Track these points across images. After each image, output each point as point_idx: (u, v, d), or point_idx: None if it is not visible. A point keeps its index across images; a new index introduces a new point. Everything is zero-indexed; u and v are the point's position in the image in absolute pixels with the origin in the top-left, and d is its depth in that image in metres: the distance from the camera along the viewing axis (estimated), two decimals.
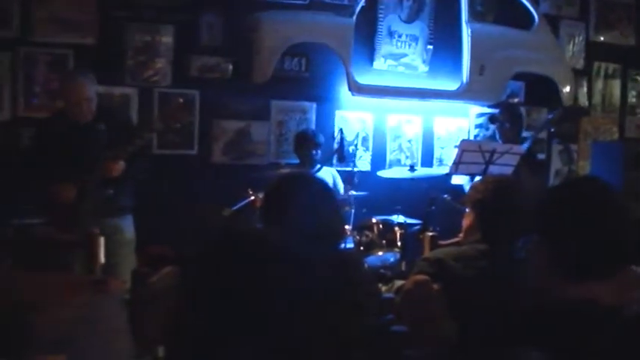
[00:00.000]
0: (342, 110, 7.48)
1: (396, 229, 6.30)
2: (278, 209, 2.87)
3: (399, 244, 6.24)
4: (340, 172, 6.87)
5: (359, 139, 7.42)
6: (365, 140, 7.59)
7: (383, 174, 6.96)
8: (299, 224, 2.71)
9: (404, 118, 7.82)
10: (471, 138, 7.97)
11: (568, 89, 8.09)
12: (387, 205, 6.60)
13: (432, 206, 6.12)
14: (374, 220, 6.36)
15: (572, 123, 8.51)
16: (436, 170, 7.50)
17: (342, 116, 7.47)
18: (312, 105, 7.35)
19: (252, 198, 5.84)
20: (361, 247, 6.18)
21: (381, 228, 6.32)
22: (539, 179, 6.80)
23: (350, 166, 6.64)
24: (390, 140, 7.75)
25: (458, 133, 7.98)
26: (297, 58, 7.18)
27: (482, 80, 7.64)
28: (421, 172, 6.74)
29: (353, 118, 7.54)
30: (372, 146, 7.63)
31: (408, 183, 6.59)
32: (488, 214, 3.42)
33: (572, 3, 8.57)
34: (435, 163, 7.93)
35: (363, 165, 7.49)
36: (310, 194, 2.89)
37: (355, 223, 6.40)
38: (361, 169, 7.38)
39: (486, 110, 7.95)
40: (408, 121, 7.84)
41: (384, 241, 6.26)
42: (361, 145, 7.53)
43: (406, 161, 7.63)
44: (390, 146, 7.75)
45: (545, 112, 8.35)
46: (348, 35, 7.02)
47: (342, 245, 5.14)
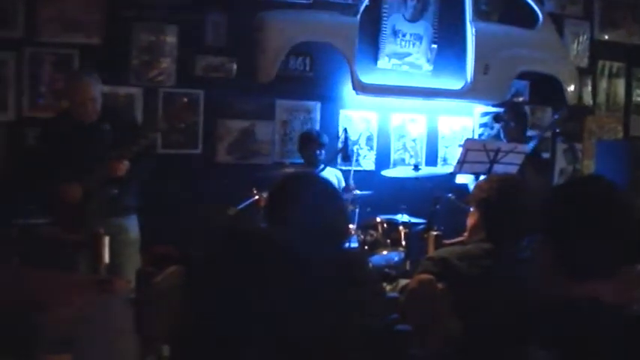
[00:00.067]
0: (346, 109, 7.47)
1: (401, 228, 6.30)
2: (282, 209, 2.86)
3: (403, 243, 6.24)
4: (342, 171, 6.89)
5: (362, 138, 7.44)
6: (369, 139, 7.59)
7: (387, 173, 6.96)
8: (303, 224, 2.71)
9: (408, 117, 7.82)
10: (476, 137, 7.97)
11: (572, 88, 8.08)
12: (391, 205, 6.60)
13: (437, 205, 6.13)
14: (378, 220, 6.37)
15: (577, 122, 8.50)
16: (440, 169, 7.48)
17: (347, 115, 7.47)
18: (316, 104, 7.35)
19: (257, 197, 5.84)
20: (366, 247, 6.19)
21: (386, 227, 6.33)
22: (543, 178, 6.80)
23: (353, 166, 6.64)
24: (395, 139, 7.75)
25: (462, 132, 7.98)
26: (302, 57, 7.18)
27: (486, 79, 7.64)
28: (425, 171, 6.73)
29: (357, 117, 7.53)
30: (376, 145, 7.63)
31: (412, 182, 6.59)
32: (492, 213, 3.42)
33: (576, 2, 8.56)
34: (440, 162, 7.93)
35: (367, 164, 7.50)
36: (315, 194, 2.89)
37: (360, 222, 6.40)
38: (365, 168, 7.41)
39: (491, 109, 7.94)
40: (412, 121, 7.83)
41: (388, 241, 6.27)
42: (365, 145, 7.53)
43: (410, 160, 7.62)
44: (395, 145, 7.74)
45: (550, 111, 8.35)
46: (352, 34, 7.02)
47: (347, 244, 5.15)
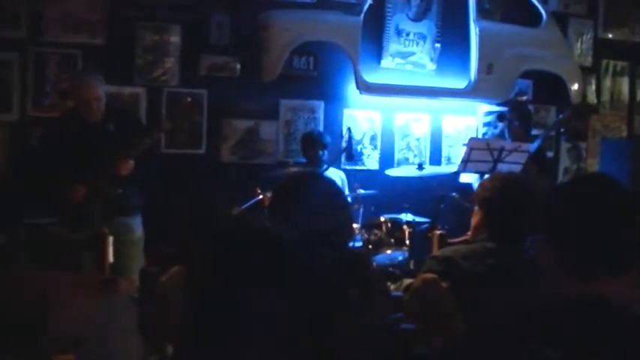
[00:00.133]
0: (350, 109, 7.47)
1: (405, 227, 6.30)
2: (286, 208, 2.86)
3: (407, 242, 6.24)
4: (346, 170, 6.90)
5: (366, 137, 7.44)
6: (373, 139, 7.59)
7: (391, 172, 6.96)
8: (308, 223, 2.71)
9: (412, 116, 7.81)
10: (479, 136, 7.96)
11: (576, 87, 8.07)
12: (395, 204, 6.60)
13: (441, 204, 6.12)
14: (382, 219, 6.37)
15: (582, 121, 8.49)
16: (444, 168, 7.48)
17: (351, 115, 7.47)
18: (320, 104, 7.35)
19: (261, 197, 5.84)
20: (370, 246, 6.18)
21: (390, 226, 6.33)
22: (547, 177, 6.80)
23: (358, 165, 6.65)
24: (399, 139, 7.74)
25: (466, 131, 7.97)
26: (306, 57, 7.17)
27: (490, 78, 7.63)
28: (429, 170, 6.73)
29: (361, 116, 7.53)
30: (380, 145, 7.62)
31: (416, 181, 6.59)
32: (495, 212, 3.41)
33: (580, 0, 8.54)
34: (444, 161, 7.92)
35: (371, 164, 7.51)
36: (319, 193, 2.89)
37: (364, 221, 6.41)
38: (369, 167, 7.42)
39: (495, 108, 7.93)
40: (416, 120, 7.82)
41: (392, 240, 6.27)
42: (369, 144, 7.54)
43: (414, 160, 7.62)
44: (399, 145, 7.74)
45: (554, 110, 8.34)
46: (356, 34, 7.02)
47: (351, 244, 5.15)
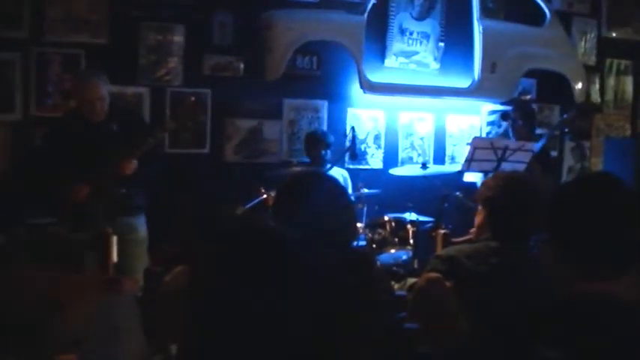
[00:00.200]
0: (353, 108, 7.47)
1: (409, 226, 6.29)
2: (290, 208, 2.86)
3: (411, 241, 6.23)
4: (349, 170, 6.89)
5: (370, 136, 7.44)
6: (377, 138, 7.58)
7: (395, 172, 6.95)
8: (311, 223, 2.71)
9: (416, 115, 7.81)
10: (483, 135, 7.96)
11: (580, 86, 8.07)
12: (399, 203, 6.60)
13: (445, 204, 6.12)
14: (386, 218, 6.36)
15: (585, 120, 8.48)
16: (448, 168, 7.49)
17: (354, 114, 7.47)
18: (324, 103, 7.34)
19: (265, 197, 5.84)
20: (374, 245, 6.18)
21: (394, 226, 6.32)
22: (551, 176, 6.79)
23: (362, 164, 6.65)
24: (402, 138, 7.74)
25: (470, 130, 7.97)
26: (309, 56, 7.17)
27: (494, 77, 7.63)
28: (433, 169, 6.73)
29: (365, 116, 7.53)
30: (384, 144, 7.62)
31: (420, 180, 6.58)
32: (498, 211, 3.40)
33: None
34: (447, 160, 7.92)
35: (375, 163, 7.50)
36: (323, 192, 2.88)
37: (368, 220, 6.40)
38: (373, 166, 7.42)
39: (498, 107, 7.93)
40: (419, 119, 7.82)
41: (396, 239, 6.26)
42: (373, 143, 7.53)
43: (418, 159, 7.62)
44: (402, 144, 7.74)
45: (558, 109, 8.33)
46: (359, 33, 7.01)
47: (355, 243, 5.15)
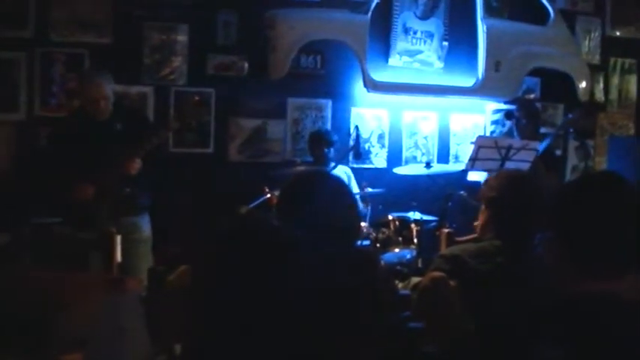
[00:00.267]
0: (357, 107, 7.47)
1: (413, 225, 6.30)
2: (294, 207, 2.86)
3: (415, 240, 6.24)
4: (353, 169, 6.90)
5: (374, 136, 7.44)
6: (381, 137, 7.58)
7: (399, 171, 6.95)
8: (315, 222, 2.71)
9: (420, 114, 7.80)
10: (487, 134, 7.95)
11: (584, 85, 8.05)
12: (403, 202, 6.60)
13: (449, 203, 6.11)
14: (390, 217, 6.37)
15: (590, 119, 8.46)
16: (452, 167, 7.48)
17: (358, 113, 7.46)
18: (327, 102, 7.35)
19: (269, 196, 5.84)
20: (378, 244, 6.18)
21: (398, 225, 6.33)
22: (555, 175, 6.78)
23: (366, 163, 6.65)
24: (406, 137, 7.73)
25: (474, 129, 7.96)
26: (313, 55, 7.17)
27: (498, 76, 7.63)
28: (437, 168, 6.72)
29: (369, 115, 7.53)
30: (387, 143, 7.62)
31: (424, 180, 6.58)
32: (501, 210, 3.40)
33: None
34: (451, 159, 7.91)
35: (379, 162, 7.50)
36: (327, 192, 2.88)
37: (372, 220, 6.41)
38: (377, 166, 7.42)
39: (502, 106, 7.92)
40: (423, 118, 7.82)
41: (400, 238, 6.27)
42: (377, 142, 7.53)
43: (422, 158, 7.61)
44: (406, 143, 7.73)
45: (562, 107, 8.32)
46: (363, 32, 7.01)
47: (359, 242, 5.15)
